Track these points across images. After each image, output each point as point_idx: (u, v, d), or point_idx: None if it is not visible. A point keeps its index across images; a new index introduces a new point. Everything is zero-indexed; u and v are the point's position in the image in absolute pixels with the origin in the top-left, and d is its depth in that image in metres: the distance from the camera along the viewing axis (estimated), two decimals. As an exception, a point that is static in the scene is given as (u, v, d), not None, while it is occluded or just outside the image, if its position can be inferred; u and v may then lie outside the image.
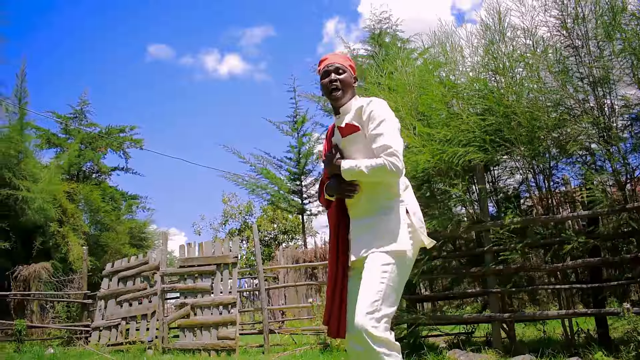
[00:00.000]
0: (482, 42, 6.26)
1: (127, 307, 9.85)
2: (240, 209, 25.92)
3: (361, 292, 2.39)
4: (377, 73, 7.30)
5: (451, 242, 6.33)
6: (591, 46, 5.65)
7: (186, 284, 9.07)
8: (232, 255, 8.88)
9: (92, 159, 18.01)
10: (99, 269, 14.42)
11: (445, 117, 6.13)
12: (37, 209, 12.80)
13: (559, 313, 5.25)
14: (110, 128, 19.00)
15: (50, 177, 13.78)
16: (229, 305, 8.60)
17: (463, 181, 6.17)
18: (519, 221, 5.38)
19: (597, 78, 5.59)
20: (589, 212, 5.13)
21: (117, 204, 18.36)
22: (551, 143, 5.77)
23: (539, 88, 5.73)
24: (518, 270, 5.47)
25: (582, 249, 5.17)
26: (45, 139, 17.47)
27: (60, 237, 13.79)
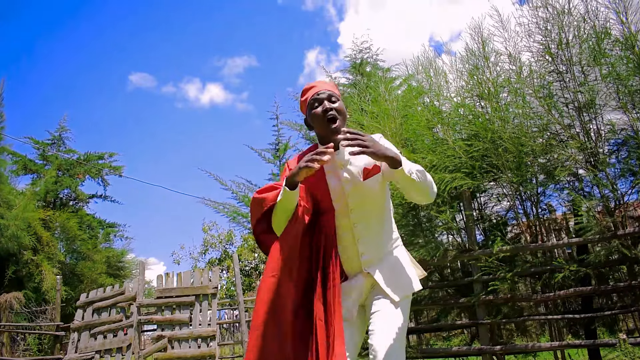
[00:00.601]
0: (467, 67, 6.22)
1: (101, 339, 9.43)
2: (220, 237, 25.43)
3: (385, 340, 2.14)
4: (361, 99, 7.21)
5: (438, 271, 6.15)
6: (575, 71, 5.62)
7: (164, 316, 8.72)
8: (211, 285, 8.59)
9: (70, 185, 17.60)
10: (74, 299, 13.94)
11: (430, 142, 6.02)
12: (11, 236, 12.37)
13: (551, 345, 5.07)
14: (89, 155, 18.66)
15: (26, 203, 13.39)
16: (208, 338, 8.28)
17: (450, 208, 6.04)
18: (508, 249, 5.23)
19: (582, 103, 5.55)
20: (579, 240, 5.01)
21: (95, 232, 17.93)
22: (538, 169, 5.68)
23: (524, 113, 5.67)
24: (508, 300, 5.30)
25: (573, 277, 5.03)
26: (22, 165, 17.06)
27: (33, 265, 13.32)
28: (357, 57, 17.08)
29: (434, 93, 6.47)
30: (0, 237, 12.16)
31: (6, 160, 14.15)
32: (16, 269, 12.97)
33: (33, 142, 17.69)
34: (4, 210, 12.54)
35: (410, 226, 6.05)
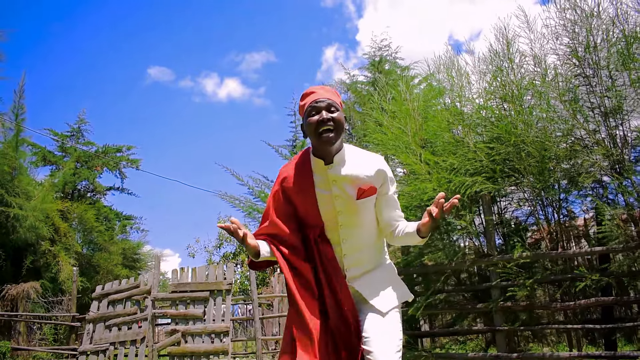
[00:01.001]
0: (490, 68, 6.11)
1: (116, 331, 9.50)
2: (236, 232, 25.54)
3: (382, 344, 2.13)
4: (381, 97, 7.12)
5: (455, 275, 6.07)
6: (603, 75, 5.49)
7: (178, 310, 8.75)
8: (226, 282, 8.59)
9: (88, 177, 17.75)
10: (90, 289, 14.07)
11: (451, 144, 5.93)
12: (29, 227, 12.49)
13: (570, 355, 4.97)
14: (107, 147, 18.80)
15: (44, 195, 13.51)
16: (221, 334, 8.28)
17: (469, 212, 5.95)
18: (528, 256, 5.13)
19: (608, 108, 5.42)
20: (602, 249, 4.89)
21: (111, 224, 18.07)
22: (561, 174, 5.57)
23: (549, 117, 5.56)
24: (527, 307, 5.21)
25: (594, 286, 4.93)
26: (41, 157, 17.25)
27: (51, 256, 13.45)
28: (375, 55, 16.98)
29: (456, 94, 6.37)
30: (18, 228, 12.28)
31: (25, 152, 14.27)
32: (34, 259, 13.10)
33: (52, 134, 17.86)
34: (23, 201, 12.66)
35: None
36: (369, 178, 2.26)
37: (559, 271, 5.18)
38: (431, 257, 5.79)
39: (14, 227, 12.25)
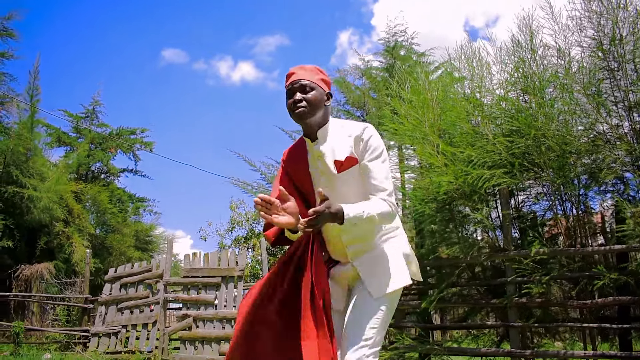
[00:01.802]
0: (512, 59, 5.97)
1: (128, 314, 9.59)
2: (247, 216, 25.59)
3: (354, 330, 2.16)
4: (399, 86, 7.00)
5: (469, 269, 5.99)
6: (628, 69, 5.34)
7: (189, 295, 8.79)
8: (238, 268, 8.60)
9: (102, 159, 17.85)
10: (103, 271, 14.19)
11: (470, 136, 5.82)
12: (43, 208, 12.60)
13: (585, 353, 4.90)
14: (121, 129, 18.86)
15: (58, 176, 13.61)
16: (232, 320, 8.31)
17: (487, 206, 5.86)
18: (545, 252, 5.04)
19: (632, 102, 5.28)
20: (621, 247, 4.79)
21: (124, 206, 18.19)
22: (582, 170, 5.45)
23: (570, 110, 5.43)
24: (542, 304, 5.13)
25: (612, 285, 4.83)
26: (56, 137, 17.35)
27: (64, 237, 13.58)
28: (390, 41, 16.74)
29: (476, 84, 6.24)
30: (33, 209, 12.39)
31: (40, 133, 14.38)
32: (47, 240, 13.24)
33: (67, 115, 17.93)
34: (37, 182, 12.76)
35: (444, 221, 5.89)
36: (348, 148, 2.23)
37: (576, 268, 5.09)
38: (446, 251, 5.71)
39: (28, 208, 12.37)
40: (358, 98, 17.03)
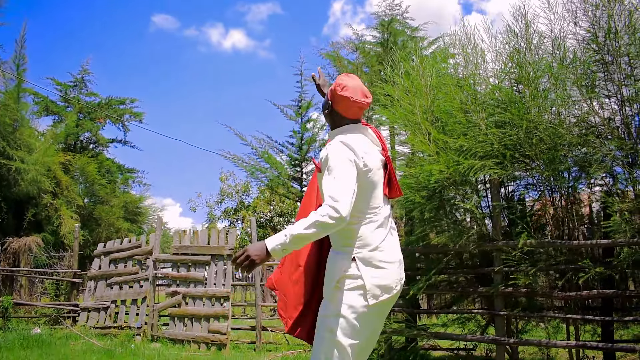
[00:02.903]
0: (507, 49, 5.93)
1: (117, 289, 9.63)
2: (237, 188, 25.61)
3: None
4: (393, 70, 6.94)
5: (457, 256, 6.06)
6: (622, 63, 5.33)
7: (179, 272, 8.83)
8: (227, 247, 8.63)
9: (91, 129, 17.65)
10: (92, 242, 14.19)
11: (462, 125, 5.81)
12: (31, 180, 12.49)
13: (567, 343, 5.02)
14: (110, 99, 18.59)
15: (46, 148, 13.44)
16: (221, 299, 8.38)
17: (477, 195, 5.90)
18: (533, 244, 5.10)
19: (625, 97, 5.29)
20: (607, 242, 4.86)
21: (113, 177, 18.10)
22: (572, 162, 5.48)
23: (564, 102, 5.43)
24: (527, 294, 5.22)
25: (597, 278, 4.92)
26: (43, 106, 17.09)
27: (52, 209, 13.51)
28: (385, 14, 16.54)
29: (470, 72, 6.20)
30: (20, 181, 12.28)
31: (28, 103, 14.14)
32: (35, 212, 13.17)
33: (55, 84, 17.63)
34: (24, 154, 12.60)
35: (434, 209, 5.92)
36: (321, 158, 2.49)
37: (562, 261, 5.17)
38: (435, 239, 5.75)
39: (15, 180, 12.25)
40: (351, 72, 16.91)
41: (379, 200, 2.48)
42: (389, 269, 2.40)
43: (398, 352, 6.14)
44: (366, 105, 2.54)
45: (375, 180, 2.46)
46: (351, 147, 2.39)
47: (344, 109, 2.53)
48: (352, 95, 2.48)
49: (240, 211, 24.96)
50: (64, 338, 8.42)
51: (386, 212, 2.52)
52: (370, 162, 2.43)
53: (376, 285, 2.35)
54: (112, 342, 8.25)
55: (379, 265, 2.38)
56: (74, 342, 8.09)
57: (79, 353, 7.20)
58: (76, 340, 8.29)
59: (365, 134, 2.58)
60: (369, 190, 2.44)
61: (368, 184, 2.42)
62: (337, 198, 2.22)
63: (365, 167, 2.39)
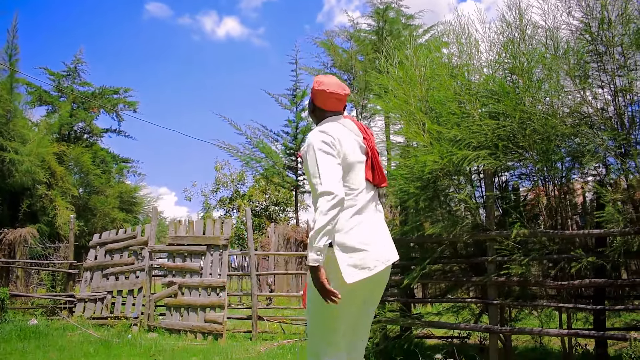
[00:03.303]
0: (500, 39, 5.93)
1: (113, 280, 9.66)
2: (232, 177, 25.61)
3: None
4: (387, 61, 6.93)
5: (452, 246, 6.11)
6: (615, 53, 5.34)
7: (175, 263, 8.86)
8: (223, 237, 8.66)
9: (85, 119, 17.59)
10: (87, 232, 14.19)
11: (456, 115, 5.82)
12: (25, 171, 12.46)
13: (559, 331, 5.08)
14: (104, 89, 18.50)
15: (40, 138, 13.39)
16: (217, 288, 8.43)
17: (471, 184, 5.93)
18: (526, 234, 5.15)
19: (619, 87, 5.31)
20: (600, 232, 4.91)
21: (108, 167, 18.08)
22: (565, 152, 5.51)
23: (556, 92, 5.44)
24: (520, 283, 5.28)
25: (589, 267, 4.97)
26: (37, 96, 17.00)
27: (47, 200, 13.50)
28: (380, 2, 16.47)
29: (464, 62, 6.20)
30: (14, 172, 12.24)
31: (21, 94, 14.04)
32: (30, 203, 13.14)
33: (48, 74, 17.51)
34: (18, 145, 12.55)
35: (428, 200, 5.95)
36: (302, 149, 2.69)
37: (555, 250, 5.21)
38: (429, 229, 5.79)
39: (9, 172, 12.22)
40: (345, 61, 16.88)
41: (357, 184, 2.67)
42: (367, 250, 2.57)
43: (393, 340, 6.20)
44: (343, 96, 2.78)
45: (350, 163, 2.64)
46: (327, 132, 2.61)
47: (323, 102, 2.78)
48: (328, 88, 2.74)
49: (235, 200, 24.98)
50: (60, 329, 8.46)
51: (367, 196, 2.70)
52: (345, 145, 2.63)
53: (352, 266, 2.52)
54: (109, 332, 8.29)
55: (355, 247, 2.55)
56: (71, 333, 8.13)
57: (76, 344, 7.24)
58: (73, 330, 8.33)
59: (344, 124, 2.77)
60: (346, 173, 2.62)
61: (345, 167, 2.61)
62: (325, 180, 2.44)
63: (339, 149, 2.59)
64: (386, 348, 6.09)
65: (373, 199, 2.75)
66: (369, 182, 2.72)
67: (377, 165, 2.77)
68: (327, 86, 2.75)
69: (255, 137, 15.78)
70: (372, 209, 2.71)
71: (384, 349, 6.08)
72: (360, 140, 2.77)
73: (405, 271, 6.24)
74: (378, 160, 2.79)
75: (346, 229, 2.56)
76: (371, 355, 6.03)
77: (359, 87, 15.61)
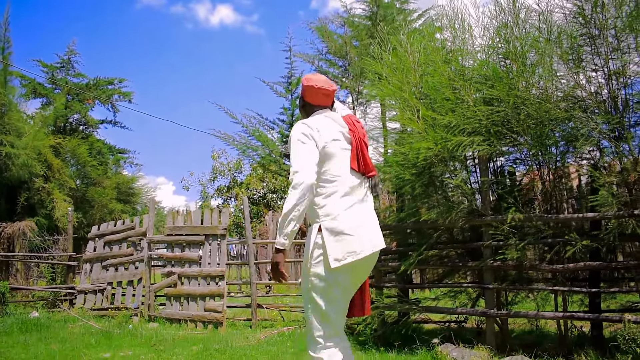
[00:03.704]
0: (494, 23, 5.91)
1: (112, 271, 9.70)
2: (229, 165, 25.58)
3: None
4: (381, 47, 6.92)
5: (448, 232, 6.15)
6: (609, 36, 5.34)
7: (174, 253, 8.90)
8: (221, 227, 8.69)
9: (80, 111, 17.51)
10: (85, 224, 14.22)
11: (450, 102, 5.82)
12: (22, 164, 12.44)
13: (555, 314, 5.14)
14: (98, 80, 18.40)
15: (35, 131, 13.36)
16: (216, 278, 8.48)
17: (466, 170, 5.96)
18: (521, 218, 5.18)
19: (612, 71, 5.32)
20: (594, 215, 4.95)
21: (105, 159, 18.04)
22: (559, 137, 5.53)
23: (550, 77, 5.45)
24: (516, 267, 5.33)
25: (584, 251, 5.02)
26: (31, 89, 16.92)
27: (45, 193, 13.50)
28: (374, -14, 16.34)
29: (457, 47, 6.19)
30: (11, 166, 12.22)
31: (15, 87, 13.98)
32: (28, 196, 13.15)
33: (42, 66, 17.41)
34: (14, 138, 12.52)
35: (423, 186, 5.98)
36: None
37: (550, 234, 5.25)
38: (425, 215, 5.82)
39: (6, 165, 12.21)
40: (340, 47, 16.77)
41: (341, 171, 2.79)
42: (353, 235, 2.68)
43: (391, 326, 6.27)
44: (331, 92, 2.95)
45: (331, 152, 2.76)
46: (306, 124, 2.77)
47: (312, 98, 2.96)
48: (316, 84, 2.93)
49: (233, 189, 24.98)
50: (62, 321, 8.51)
51: (352, 183, 2.80)
52: (325, 135, 2.76)
53: (339, 250, 2.65)
54: (109, 323, 8.35)
55: (342, 232, 2.67)
56: (72, 325, 8.18)
57: (78, 335, 7.29)
58: (74, 322, 8.38)
59: (328, 116, 2.92)
60: (326, 161, 2.75)
61: (324, 155, 2.74)
62: (297, 169, 2.61)
63: (321, 138, 2.73)
64: (384, 333, 6.16)
65: (361, 186, 2.86)
66: (355, 171, 2.83)
67: (362, 154, 2.89)
68: (316, 82, 2.93)
69: (251, 126, 15.75)
70: (359, 196, 2.83)
71: (382, 335, 6.14)
72: (345, 131, 2.89)
73: (403, 257, 6.29)
74: (364, 150, 2.91)
75: (334, 214, 2.69)
76: (370, 341, 6.10)
77: (354, 73, 15.57)
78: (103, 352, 6.11)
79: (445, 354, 5.27)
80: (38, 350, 6.20)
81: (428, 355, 5.38)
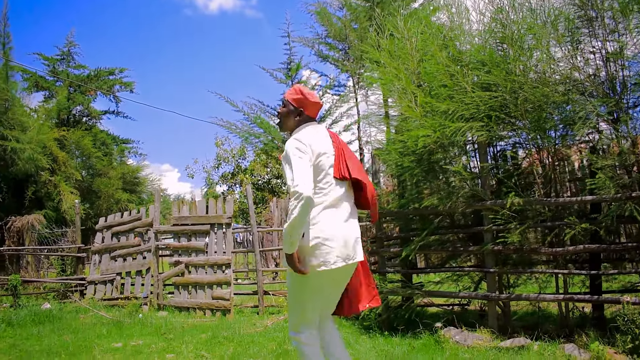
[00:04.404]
0: (490, 8, 5.91)
1: (121, 262, 9.85)
2: (233, 152, 25.62)
3: None
4: (378, 34, 6.93)
5: (449, 217, 6.22)
6: (606, 18, 5.34)
7: (180, 242, 9.03)
8: (226, 215, 8.79)
9: (82, 102, 17.58)
10: (92, 215, 14.36)
11: (448, 87, 5.85)
12: (27, 158, 12.55)
13: (555, 297, 5.22)
14: (99, 70, 18.43)
15: (39, 125, 13.45)
16: (223, 266, 8.60)
17: (465, 155, 6.00)
18: (521, 202, 5.24)
19: (610, 53, 5.32)
20: (593, 198, 5.00)
21: (109, 149, 18.14)
22: (558, 120, 5.56)
23: (547, 60, 5.46)
24: (517, 251, 5.40)
25: (583, 233, 5.08)
26: (33, 82, 16.97)
27: (52, 186, 13.64)
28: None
29: (454, 33, 6.20)
30: (17, 160, 12.34)
31: (17, 82, 14.03)
32: (35, 190, 13.29)
33: (42, 59, 17.44)
34: (19, 133, 12.62)
35: (423, 172, 6.04)
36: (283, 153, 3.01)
37: (550, 218, 5.32)
38: (426, 201, 5.89)
39: (12, 160, 12.32)
40: (339, 30, 16.71)
41: (329, 183, 2.99)
42: (331, 246, 2.90)
43: (395, 310, 6.37)
44: (320, 106, 3.28)
45: (322, 164, 2.98)
46: (301, 139, 2.95)
47: (312, 111, 3.21)
48: (312, 98, 3.20)
49: (237, 175, 25.05)
50: (73, 312, 8.68)
51: (338, 192, 3.01)
52: (317, 148, 2.97)
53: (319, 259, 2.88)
54: (120, 312, 8.50)
55: (322, 243, 2.89)
56: (83, 315, 8.35)
57: (89, 325, 7.45)
58: (85, 313, 8.55)
59: (318, 130, 3.14)
60: (317, 173, 2.95)
61: (316, 167, 2.95)
62: (296, 182, 2.75)
63: (313, 153, 2.93)
64: (388, 318, 6.27)
65: (345, 195, 3.06)
66: (338, 180, 3.02)
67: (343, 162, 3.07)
68: (310, 96, 3.20)
69: (253, 113, 15.78)
70: (344, 206, 3.04)
71: (386, 319, 6.25)
72: (330, 143, 3.12)
73: (405, 243, 6.38)
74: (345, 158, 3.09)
75: (313, 223, 2.90)
76: (374, 325, 6.21)
77: (354, 56, 15.50)
78: (114, 342, 6.26)
79: (448, 337, 5.37)
80: (51, 342, 6.36)
81: (431, 339, 5.48)
